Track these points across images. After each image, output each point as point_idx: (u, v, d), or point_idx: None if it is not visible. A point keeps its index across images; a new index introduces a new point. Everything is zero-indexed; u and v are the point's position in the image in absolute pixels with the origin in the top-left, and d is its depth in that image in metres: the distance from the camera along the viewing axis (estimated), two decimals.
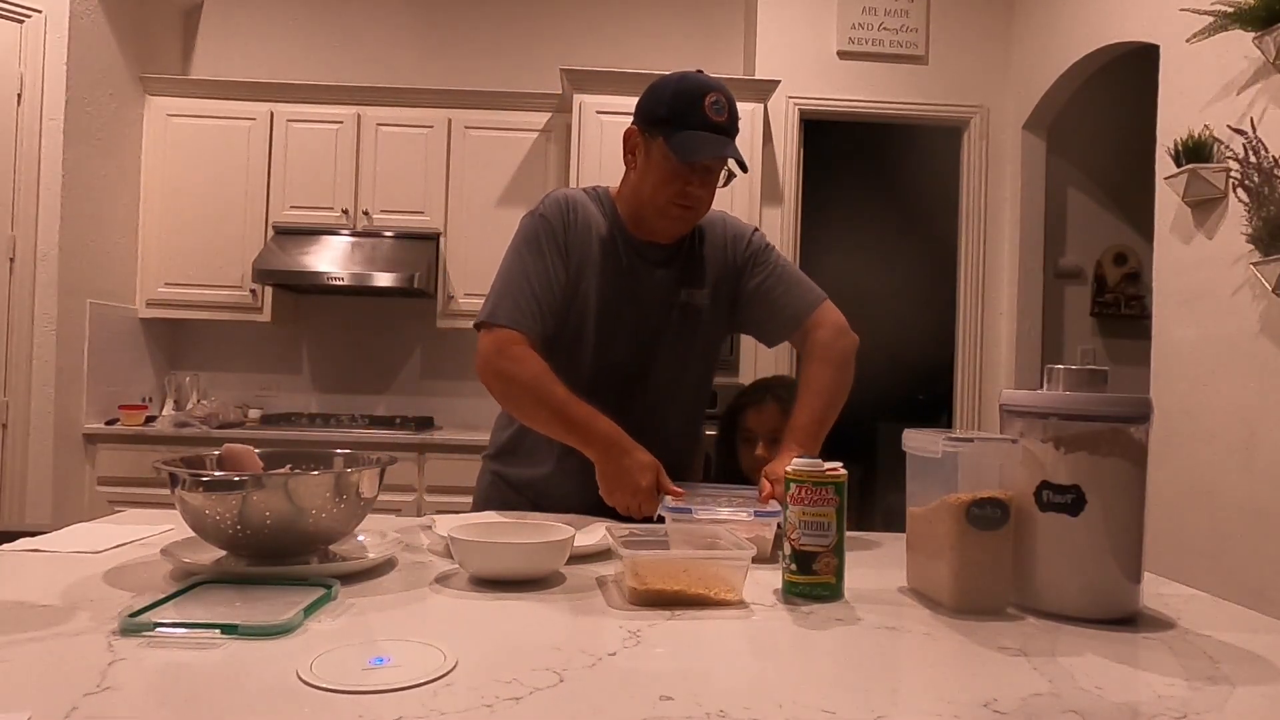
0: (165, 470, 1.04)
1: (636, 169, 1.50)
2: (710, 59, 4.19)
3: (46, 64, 3.27)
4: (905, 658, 0.86)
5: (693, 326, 1.56)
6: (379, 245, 3.78)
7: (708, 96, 1.42)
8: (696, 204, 1.47)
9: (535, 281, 1.46)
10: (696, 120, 1.41)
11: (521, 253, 1.49)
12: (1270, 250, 2.34)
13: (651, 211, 1.49)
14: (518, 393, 1.44)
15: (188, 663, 0.75)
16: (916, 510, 1.07)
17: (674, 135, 1.41)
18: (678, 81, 1.45)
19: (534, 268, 1.47)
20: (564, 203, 1.52)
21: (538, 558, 1.07)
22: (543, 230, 1.49)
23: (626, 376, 1.53)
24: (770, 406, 1.82)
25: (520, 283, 1.46)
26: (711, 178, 1.47)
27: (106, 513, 1.55)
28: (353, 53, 4.19)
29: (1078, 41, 3.45)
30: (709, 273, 1.57)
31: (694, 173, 1.44)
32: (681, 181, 1.44)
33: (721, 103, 1.43)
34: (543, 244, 1.48)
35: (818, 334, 1.56)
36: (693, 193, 1.45)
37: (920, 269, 5.16)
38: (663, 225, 1.51)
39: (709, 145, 1.41)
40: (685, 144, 1.41)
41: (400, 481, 3.47)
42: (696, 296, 1.56)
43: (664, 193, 1.46)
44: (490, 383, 1.45)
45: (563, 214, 1.51)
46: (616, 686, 0.73)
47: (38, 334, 3.28)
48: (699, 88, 1.43)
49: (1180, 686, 0.77)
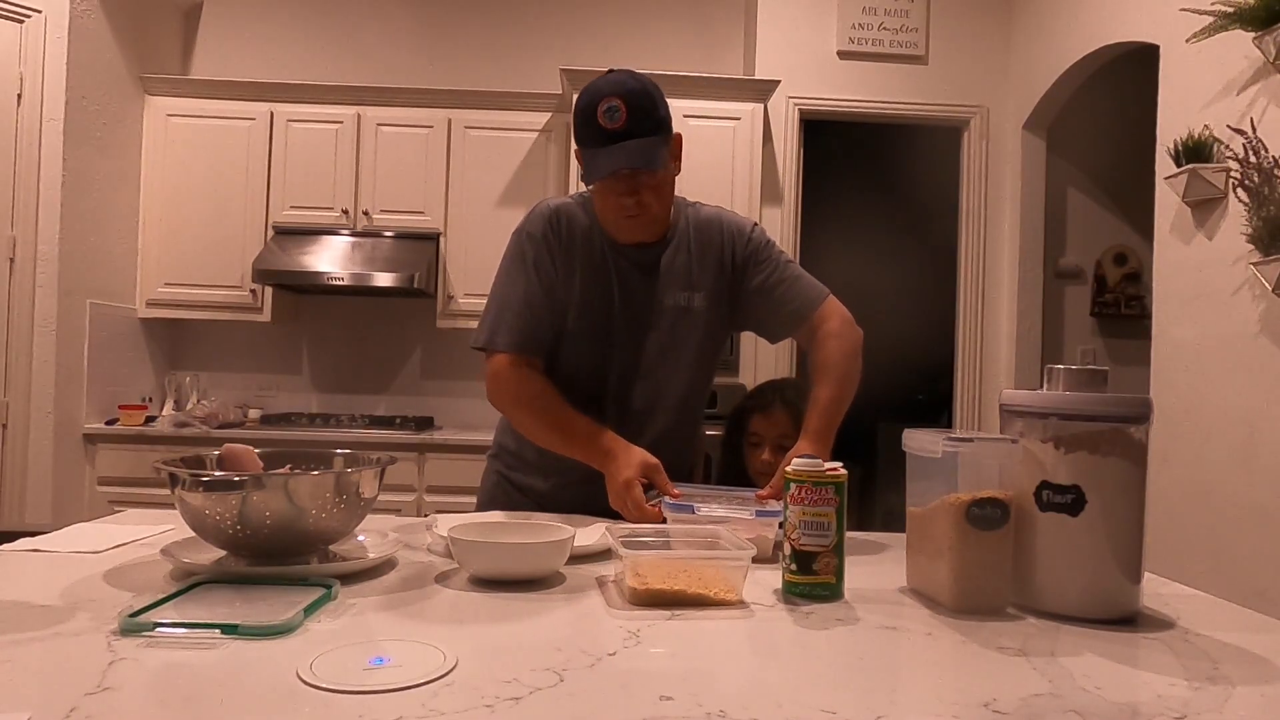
0: (165, 470, 1.04)
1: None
2: (710, 59, 4.19)
3: (46, 64, 3.27)
4: (905, 658, 0.86)
5: (686, 328, 1.55)
6: (379, 245, 3.78)
7: (600, 105, 1.37)
8: (641, 210, 1.45)
9: (528, 299, 1.49)
10: (596, 135, 1.40)
11: (510, 272, 1.52)
12: (1270, 250, 2.34)
13: (609, 225, 1.51)
14: (524, 416, 1.51)
15: (188, 663, 0.75)
16: (916, 510, 1.07)
17: (585, 156, 1.43)
18: (580, 97, 1.42)
19: (524, 286, 1.50)
20: (549, 214, 1.52)
21: (538, 558, 1.07)
22: (529, 247, 1.51)
23: (621, 378, 1.54)
24: (778, 411, 1.79)
25: (512, 303, 1.49)
26: (641, 181, 1.43)
27: (106, 513, 1.55)
28: (353, 53, 4.19)
29: (1078, 41, 3.45)
30: (706, 274, 1.56)
31: (618, 183, 1.42)
32: (612, 195, 1.44)
33: (616, 107, 1.37)
34: (529, 261, 1.50)
35: (827, 327, 1.55)
36: (625, 202, 1.44)
37: (920, 269, 5.16)
38: (624, 235, 1.51)
39: (604, 160, 1.39)
40: (589, 166, 1.42)
41: (400, 481, 3.47)
42: (691, 299, 1.55)
43: (606, 208, 1.48)
44: (502, 409, 1.53)
45: (549, 226, 1.51)
46: (616, 686, 0.73)
47: (38, 334, 3.28)
48: (592, 99, 1.39)
49: (1180, 686, 0.77)
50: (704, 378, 1.63)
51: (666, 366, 1.55)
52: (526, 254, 1.51)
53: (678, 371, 1.56)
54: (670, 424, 1.58)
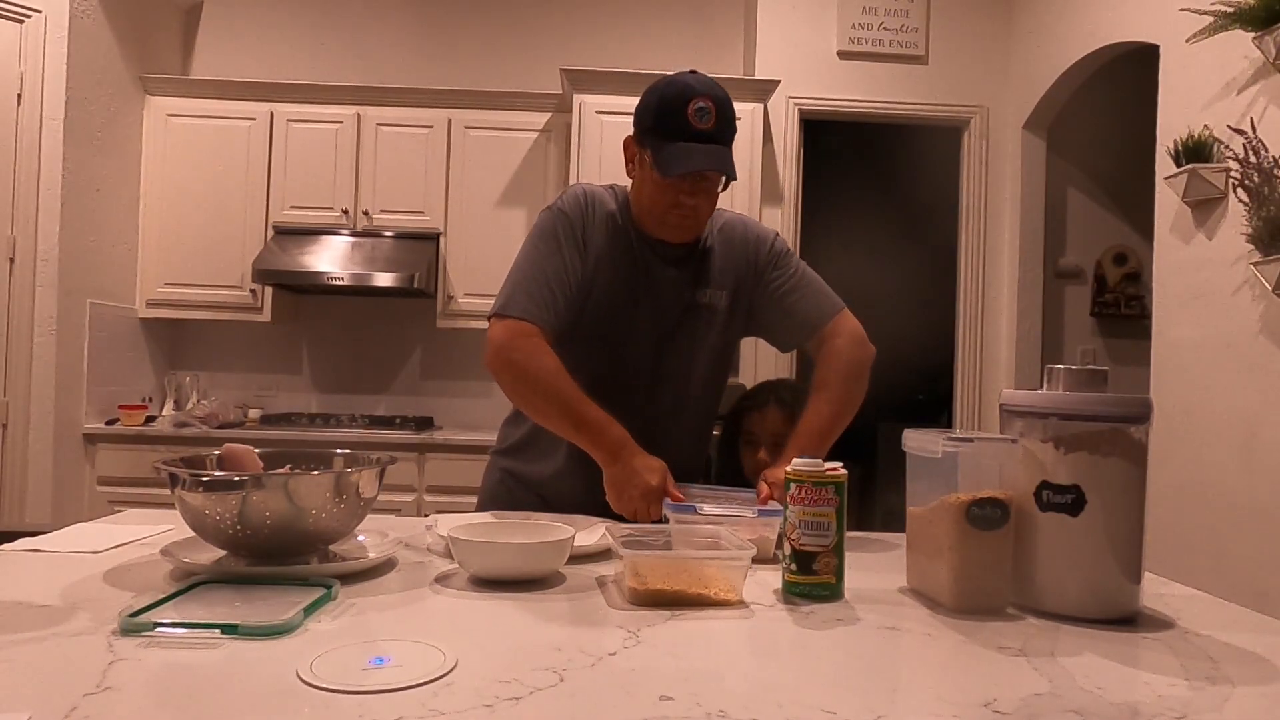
0: (165, 470, 1.03)
1: (635, 177, 1.50)
2: (710, 59, 4.19)
3: (46, 64, 3.27)
4: (905, 658, 0.86)
5: (707, 327, 1.55)
6: (379, 245, 3.78)
7: (692, 104, 1.38)
8: (693, 212, 1.46)
9: (551, 275, 1.44)
10: (680, 130, 1.39)
11: (538, 246, 1.47)
12: (1270, 250, 2.34)
13: (651, 220, 1.49)
14: (527, 387, 1.42)
15: (188, 663, 0.75)
16: (916, 510, 1.07)
17: (660, 148, 1.40)
18: (663, 88, 1.42)
19: (550, 261, 1.45)
20: (583, 197, 1.51)
21: (538, 558, 1.07)
22: (560, 225, 1.48)
23: (639, 373, 1.53)
24: (773, 410, 1.79)
25: (536, 275, 1.44)
26: (705, 185, 1.44)
27: (106, 513, 1.55)
28: (353, 53, 4.19)
29: (1078, 41, 3.45)
30: (728, 274, 1.56)
31: (685, 183, 1.42)
32: (674, 192, 1.43)
33: (707, 109, 1.39)
34: (560, 238, 1.47)
35: (835, 343, 1.54)
36: (686, 202, 1.44)
37: (920, 269, 5.15)
38: (665, 232, 1.50)
39: (690, 157, 1.39)
40: (668, 158, 1.39)
41: (400, 481, 3.47)
42: (714, 297, 1.55)
43: (659, 203, 1.46)
44: (500, 373, 1.42)
45: (581, 208, 1.50)
46: (616, 686, 0.73)
47: (38, 334, 3.28)
48: (682, 94, 1.40)
49: (1180, 686, 0.77)
50: (721, 378, 1.64)
51: (689, 363, 1.55)
52: (558, 230, 1.47)
53: (698, 369, 1.57)
54: (688, 420, 1.58)
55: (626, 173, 1.52)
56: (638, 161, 1.48)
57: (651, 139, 1.42)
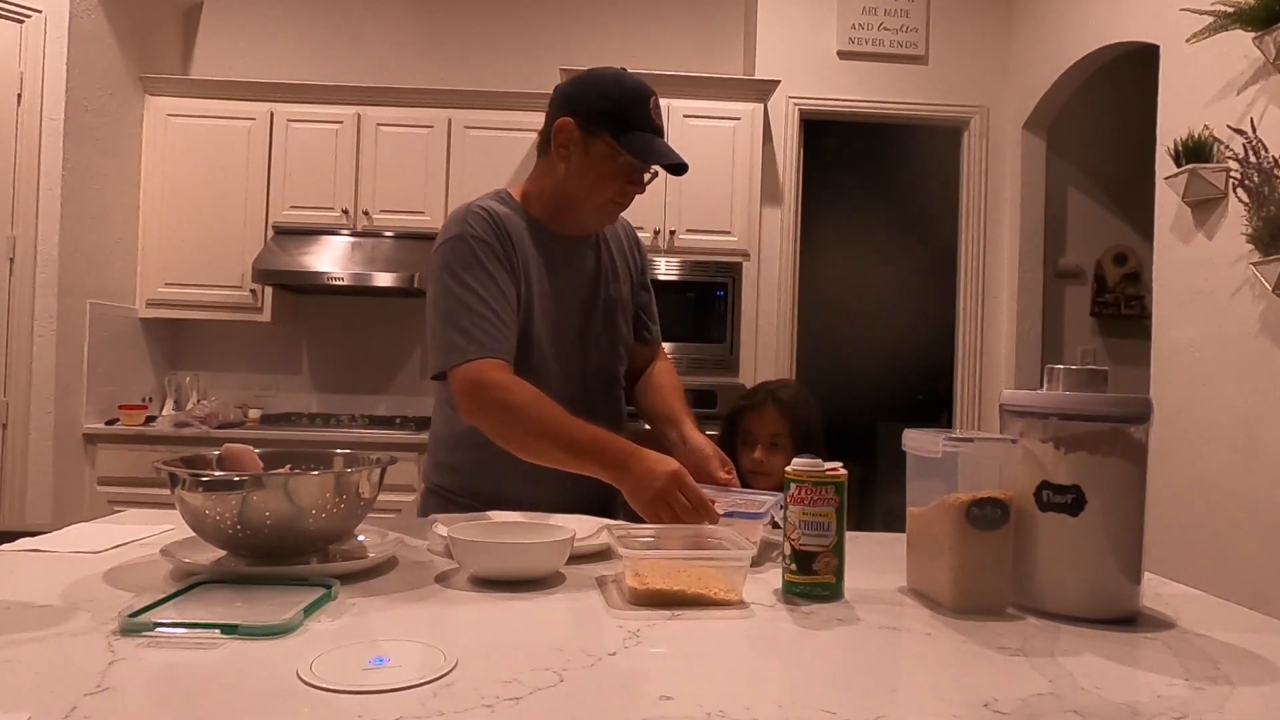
0: (165, 470, 1.03)
1: (570, 163, 1.45)
2: (710, 59, 4.19)
3: (46, 64, 3.27)
4: (905, 658, 0.86)
5: (614, 317, 1.59)
6: (379, 245, 3.78)
7: (651, 99, 1.44)
8: (630, 201, 1.50)
9: (494, 303, 1.39)
10: (643, 122, 1.42)
11: (465, 280, 1.39)
12: (1270, 250, 2.34)
13: (588, 208, 1.49)
14: (512, 426, 1.34)
15: (188, 663, 0.75)
16: (916, 510, 1.07)
17: (623, 135, 1.41)
18: (620, 79, 1.45)
19: (487, 290, 1.39)
20: (487, 216, 1.45)
21: (538, 558, 1.07)
22: (481, 251, 1.41)
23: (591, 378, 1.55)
24: (770, 410, 1.84)
25: (478, 309, 1.38)
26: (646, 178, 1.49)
27: (106, 513, 1.55)
28: (353, 53, 4.19)
29: (1078, 41, 3.45)
30: (622, 266, 1.63)
31: (636, 173, 1.46)
32: (624, 180, 1.45)
33: (659, 106, 1.46)
34: (486, 264, 1.41)
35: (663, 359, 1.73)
36: (631, 190, 1.47)
37: (920, 269, 5.15)
38: (594, 220, 1.53)
39: (666, 150, 1.43)
40: (643, 147, 1.41)
41: (400, 481, 3.46)
42: (618, 289, 1.60)
43: (605, 190, 1.46)
44: (480, 421, 1.36)
45: (492, 227, 1.44)
46: (616, 686, 0.73)
47: (38, 334, 3.28)
48: (642, 89, 1.44)
49: (1180, 686, 0.77)
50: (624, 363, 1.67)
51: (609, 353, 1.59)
52: (480, 257, 1.40)
53: (618, 358, 1.61)
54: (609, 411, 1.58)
55: (556, 156, 1.46)
56: (577, 147, 1.43)
57: (611, 126, 1.41)
